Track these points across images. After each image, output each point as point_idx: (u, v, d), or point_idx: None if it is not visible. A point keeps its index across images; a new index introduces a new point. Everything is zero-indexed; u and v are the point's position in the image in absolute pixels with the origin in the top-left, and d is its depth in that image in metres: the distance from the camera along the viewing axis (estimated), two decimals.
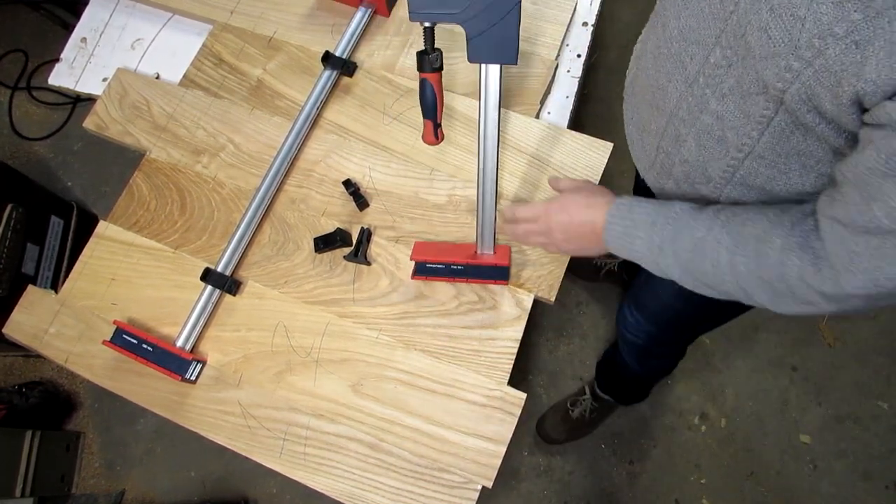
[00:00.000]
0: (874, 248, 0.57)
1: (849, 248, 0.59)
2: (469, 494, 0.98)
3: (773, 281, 0.68)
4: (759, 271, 0.69)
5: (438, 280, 1.08)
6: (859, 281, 0.59)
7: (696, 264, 0.75)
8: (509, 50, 0.82)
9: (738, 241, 0.71)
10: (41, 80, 2.50)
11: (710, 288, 0.76)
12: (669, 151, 0.84)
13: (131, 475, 2.00)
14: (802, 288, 0.65)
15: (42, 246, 1.94)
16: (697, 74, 0.72)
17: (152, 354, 1.04)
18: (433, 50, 0.84)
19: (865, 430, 1.88)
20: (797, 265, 0.65)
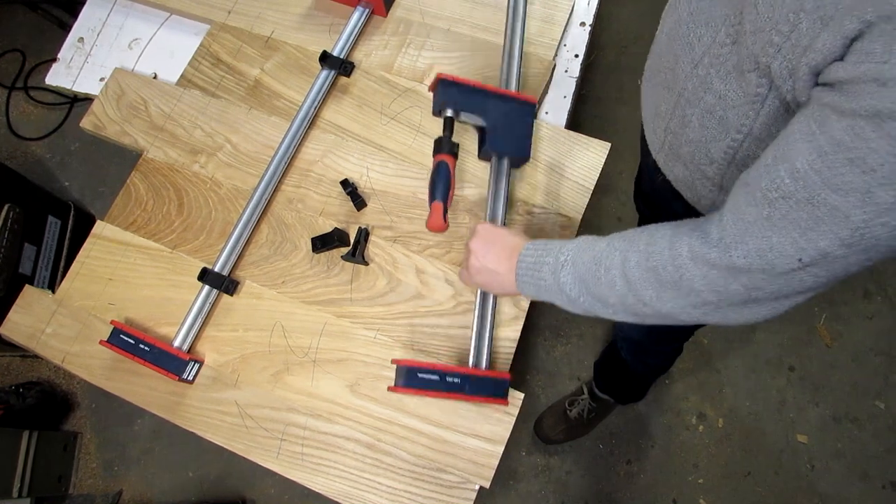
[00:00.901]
0: (765, 218, 0.58)
1: (743, 218, 0.61)
2: (467, 494, 0.98)
3: (659, 268, 0.69)
4: (648, 261, 0.70)
5: (427, 394, 0.98)
6: (747, 248, 0.60)
7: (591, 273, 0.77)
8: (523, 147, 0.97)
9: (631, 241, 0.74)
10: (38, 80, 2.50)
11: (601, 301, 0.78)
12: (677, 132, 0.86)
13: (129, 475, 2.00)
14: (689, 267, 0.66)
15: (39, 246, 1.94)
16: (703, 55, 0.74)
17: (149, 354, 1.04)
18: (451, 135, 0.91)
19: (863, 430, 1.89)
20: (686, 242, 0.67)
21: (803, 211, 0.55)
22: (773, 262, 0.59)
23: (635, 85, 2.32)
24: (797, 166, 0.54)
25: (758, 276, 0.62)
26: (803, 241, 0.56)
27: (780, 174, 0.56)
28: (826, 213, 0.54)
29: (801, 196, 0.55)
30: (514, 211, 1.11)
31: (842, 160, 0.51)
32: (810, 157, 0.53)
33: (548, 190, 1.12)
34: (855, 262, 0.57)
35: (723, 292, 0.65)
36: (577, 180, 1.12)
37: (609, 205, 2.14)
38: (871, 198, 0.51)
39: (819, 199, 0.54)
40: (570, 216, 1.10)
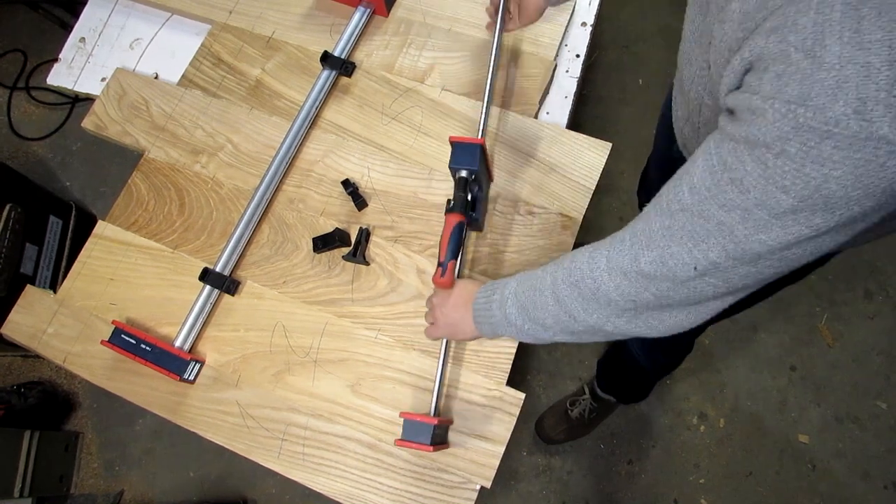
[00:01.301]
0: (666, 228, 0.64)
1: (650, 227, 0.66)
2: (468, 494, 0.98)
3: (579, 281, 0.74)
4: (570, 276, 0.76)
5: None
6: (651, 256, 0.66)
7: (529, 299, 0.82)
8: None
9: (559, 262, 0.80)
10: (40, 80, 2.50)
11: (540, 325, 0.82)
12: (690, 137, 0.93)
13: (130, 475, 2.00)
14: (604, 279, 0.72)
15: (41, 246, 1.94)
16: (695, 74, 0.80)
17: (151, 354, 1.04)
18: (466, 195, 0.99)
19: (864, 430, 1.88)
20: (604, 254, 0.72)
21: (696, 224, 0.61)
22: (674, 269, 0.65)
23: (637, 85, 2.32)
24: (695, 181, 0.60)
25: (663, 283, 0.67)
26: (696, 251, 0.62)
27: (682, 188, 0.62)
28: (714, 227, 0.59)
29: (696, 210, 0.60)
30: (515, 211, 1.11)
31: (726, 179, 0.57)
32: (704, 175, 0.59)
33: (549, 190, 1.12)
34: (745, 272, 0.62)
35: (637, 300, 0.71)
36: (578, 180, 1.12)
37: (610, 205, 2.14)
38: (750, 215, 0.56)
39: (709, 214, 0.59)
40: (571, 216, 1.10)
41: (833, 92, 0.47)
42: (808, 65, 0.48)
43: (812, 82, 0.48)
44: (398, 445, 0.92)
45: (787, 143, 0.50)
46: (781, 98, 0.50)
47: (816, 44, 0.48)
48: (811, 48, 0.48)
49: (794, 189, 0.52)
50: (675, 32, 0.88)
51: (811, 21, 0.48)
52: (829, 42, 0.47)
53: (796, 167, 0.51)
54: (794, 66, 0.49)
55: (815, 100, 0.48)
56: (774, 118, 0.50)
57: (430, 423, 0.92)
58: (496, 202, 1.13)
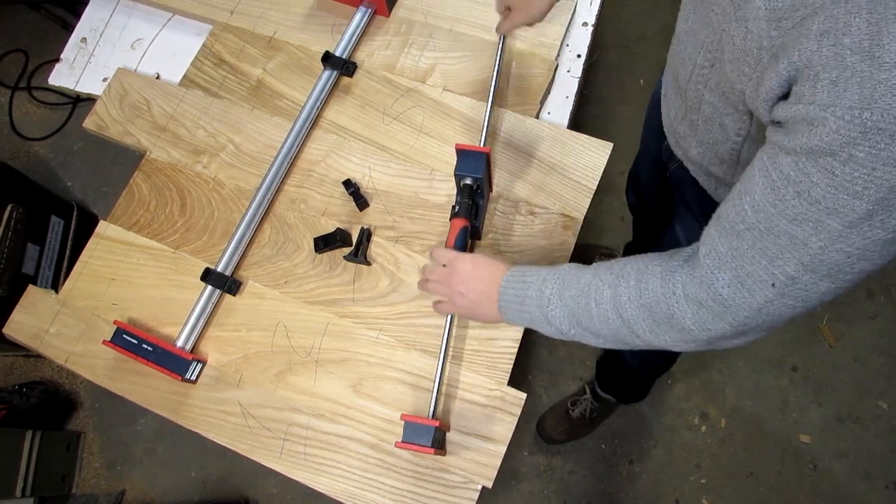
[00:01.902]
0: (734, 249, 0.62)
1: (716, 250, 0.64)
2: (469, 494, 0.98)
3: (652, 305, 0.71)
4: (640, 297, 0.72)
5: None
6: (727, 278, 0.64)
7: (581, 306, 0.78)
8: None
9: (620, 275, 0.75)
10: (41, 80, 2.50)
11: (593, 333, 0.79)
12: (687, 134, 0.91)
13: (132, 475, 2.00)
14: (681, 306, 0.69)
15: (42, 246, 1.94)
16: (692, 72, 0.79)
17: (152, 354, 1.04)
18: (469, 202, 1.01)
19: (865, 430, 1.88)
20: (680, 280, 0.69)
21: (767, 241, 0.59)
22: (752, 287, 0.62)
23: (637, 85, 2.32)
24: (756, 199, 0.59)
25: (742, 313, 0.64)
26: (773, 267, 0.60)
27: (744, 207, 0.60)
28: (787, 241, 0.58)
29: (763, 227, 0.59)
30: (516, 211, 1.12)
31: (791, 193, 0.55)
32: (766, 191, 0.58)
33: (550, 190, 1.12)
34: (825, 289, 0.60)
35: (712, 330, 0.68)
36: (579, 180, 1.12)
37: (611, 204, 2.14)
38: (823, 226, 0.55)
39: (778, 229, 0.58)
40: (572, 216, 1.10)
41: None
42: (866, 67, 0.47)
43: (874, 84, 0.47)
44: (399, 447, 0.92)
45: (854, 149, 0.49)
46: (842, 105, 0.49)
47: (874, 44, 0.47)
48: (868, 49, 0.47)
49: (866, 194, 0.51)
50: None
51: (865, 21, 0.47)
52: (888, 41, 0.46)
53: (866, 172, 0.49)
54: (849, 70, 0.48)
55: (880, 101, 0.47)
56: (838, 125, 0.49)
57: (431, 426, 0.92)
58: (497, 202, 1.13)
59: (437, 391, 0.98)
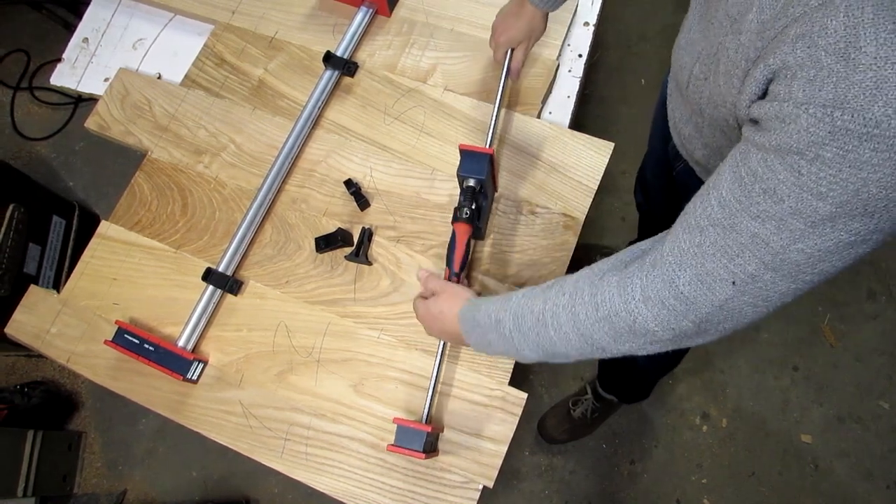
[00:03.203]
0: (697, 246, 0.62)
1: (680, 246, 0.64)
2: (470, 494, 0.98)
3: (611, 316, 0.69)
4: (598, 311, 0.70)
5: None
6: (688, 276, 0.63)
7: (542, 337, 0.76)
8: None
9: (573, 294, 0.73)
10: (43, 80, 2.51)
11: (562, 356, 0.78)
12: (691, 137, 0.92)
13: (133, 475, 2.00)
14: (641, 310, 0.67)
15: (44, 246, 1.94)
16: (688, 81, 0.81)
17: (154, 354, 1.04)
18: (472, 204, 1.00)
19: (867, 430, 1.88)
20: (638, 283, 0.67)
21: (729, 238, 0.59)
22: (712, 286, 0.62)
23: (639, 85, 2.32)
24: (723, 194, 0.59)
25: (703, 309, 0.64)
26: (732, 265, 0.60)
27: (711, 202, 0.60)
28: (748, 239, 0.58)
29: (727, 223, 0.59)
30: (518, 211, 1.12)
31: (758, 190, 0.55)
32: (733, 186, 0.58)
33: (551, 190, 1.12)
34: (785, 288, 0.60)
35: (676, 329, 0.67)
36: (580, 180, 1.12)
37: (612, 204, 2.14)
38: (785, 225, 0.55)
39: (741, 227, 0.58)
40: (573, 216, 1.10)
41: (871, 93, 0.46)
42: (841, 67, 0.47)
43: (848, 85, 0.47)
44: (390, 451, 0.92)
45: (822, 149, 0.49)
46: (815, 103, 0.49)
47: (850, 46, 0.47)
48: (844, 51, 0.47)
49: (831, 195, 0.51)
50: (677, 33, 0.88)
51: (841, 24, 0.48)
52: (864, 44, 0.46)
53: (833, 172, 0.50)
54: (825, 69, 0.48)
55: (853, 102, 0.47)
56: (809, 123, 0.49)
57: (423, 431, 0.92)
58: (499, 202, 1.13)
59: (431, 395, 0.98)
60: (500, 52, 1.15)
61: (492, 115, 1.11)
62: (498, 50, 1.15)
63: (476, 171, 0.99)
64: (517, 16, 1.10)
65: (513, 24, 1.11)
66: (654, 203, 1.45)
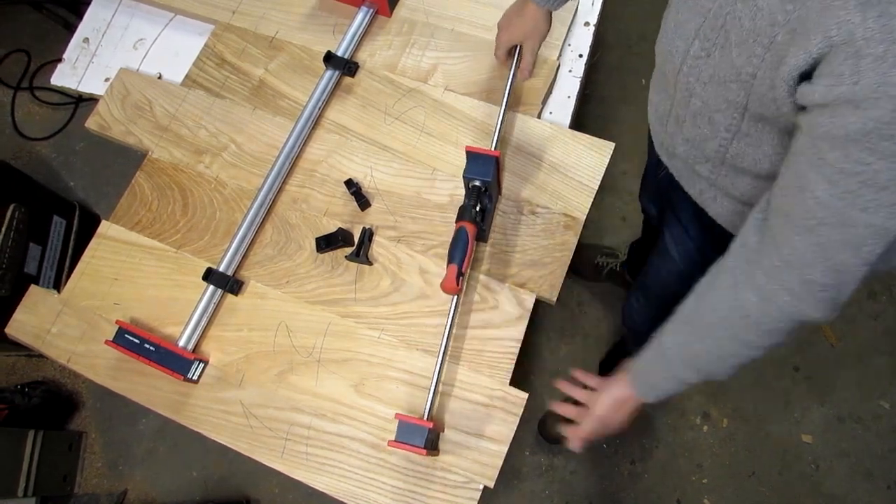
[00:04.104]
0: (815, 245, 0.60)
1: (798, 249, 0.62)
2: (471, 494, 0.98)
3: (775, 325, 0.69)
4: (760, 327, 0.71)
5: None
6: (821, 269, 0.61)
7: (713, 365, 0.79)
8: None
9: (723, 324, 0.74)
10: (44, 80, 2.50)
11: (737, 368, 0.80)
12: (673, 132, 0.90)
13: (133, 475, 2.00)
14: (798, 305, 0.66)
15: (44, 246, 1.94)
16: (681, 65, 0.78)
17: (154, 354, 1.04)
18: (477, 205, 1.00)
19: (867, 430, 1.88)
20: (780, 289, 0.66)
21: (847, 232, 0.57)
22: (851, 272, 0.60)
23: (639, 85, 2.32)
24: (818, 195, 0.56)
25: (851, 285, 0.63)
26: (862, 253, 0.58)
27: (809, 204, 0.58)
28: (865, 229, 0.55)
29: (836, 220, 0.56)
30: (518, 211, 1.11)
31: (855, 184, 0.52)
32: (825, 186, 0.55)
33: (552, 190, 1.12)
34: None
35: (838, 302, 0.66)
36: (581, 180, 1.12)
37: (613, 204, 2.13)
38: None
39: (854, 220, 0.55)
40: (574, 216, 1.10)
41: None
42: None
43: None
44: (391, 446, 0.92)
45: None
46: (893, 82, 0.45)
47: None
48: None
49: None
50: None
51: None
52: None
53: None
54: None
55: None
56: (893, 105, 0.46)
57: (424, 427, 0.92)
58: (499, 202, 1.13)
59: (433, 392, 0.98)
60: (500, 51, 1.15)
61: (498, 117, 1.11)
62: (498, 48, 1.15)
63: (482, 173, 0.99)
64: (520, 14, 1.10)
65: (515, 23, 1.10)
66: (652, 206, 1.45)
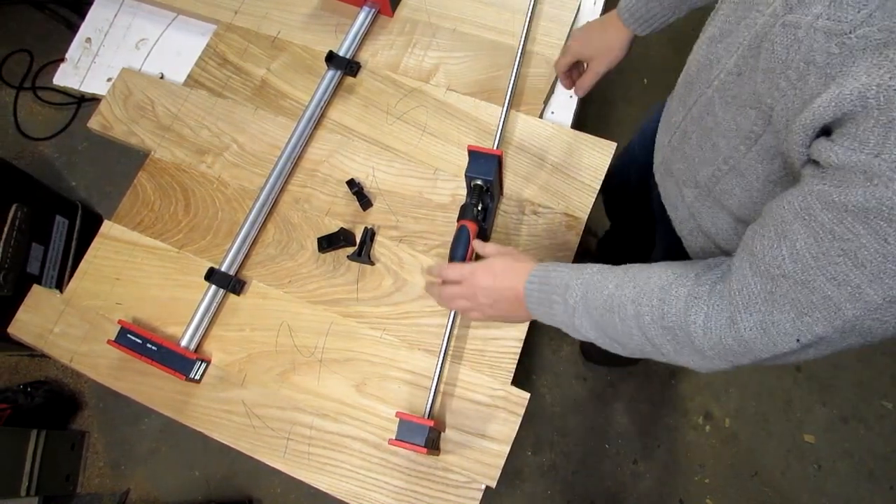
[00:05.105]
0: (768, 293, 0.58)
1: (749, 287, 0.60)
2: (473, 494, 0.98)
3: (675, 328, 0.67)
4: (663, 320, 0.68)
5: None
6: (752, 321, 0.59)
7: (606, 320, 0.74)
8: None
9: (643, 291, 0.71)
10: (46, 80, 2.51)
11: (620, 345, 0.76)
12: (675, 146, 0.87)
13: (136, 474, 2.01)
14: (700, 337, 0.65)
15: (47, 246, 1.94)
16: (715, 78, 0.73)
17: (157, 354, 1.04)
18: (479, 204, 1.00)
19: (870, 430, 1.88)
20: (703, 311, 0.64)
21: (801, 293, 0.55)
22: (775, 338, 0.58)
23: (641, 85, 2.32)
24: (797, 247, 0.54)
25: (763, 354, 0.61)
26: (800, 323, 0.56)
27: (782, 252, 0.55)
28: (820, 300, 0.53)
29: (799, 278, 0.54)
30: (520, 211, 1.11)
31: (836, 250, 0.50)
32: (808, 241, 0.53)
33: (554, 190, 1.12)
34: (853, 342, 0.56)
35: (734, 361, 0.65)
36: (582, 180, 1.12)
37: None
38: (862, 295, 0.50)
39: (815, 285, 0.53)
40: (576, 216, 1.10)
41: None
42: None
43: None
44: (391, 445, 0.92)
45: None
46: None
47: None
48: None
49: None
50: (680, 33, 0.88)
51: None
52: None
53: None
54: None
55: None
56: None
57: (425, 425, 0.92)
58: (501, 202, 1.13)
59: (433, 391, 0.98)
60: (564, 61, 1.09)
61: (500, 116, 1.11)
62: (563, 58, 1.09)
63: (484, 171, 0.99)
64: (602, 32, 1.05)
65: (594, 39, 1.05)
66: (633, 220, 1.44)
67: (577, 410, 1.95)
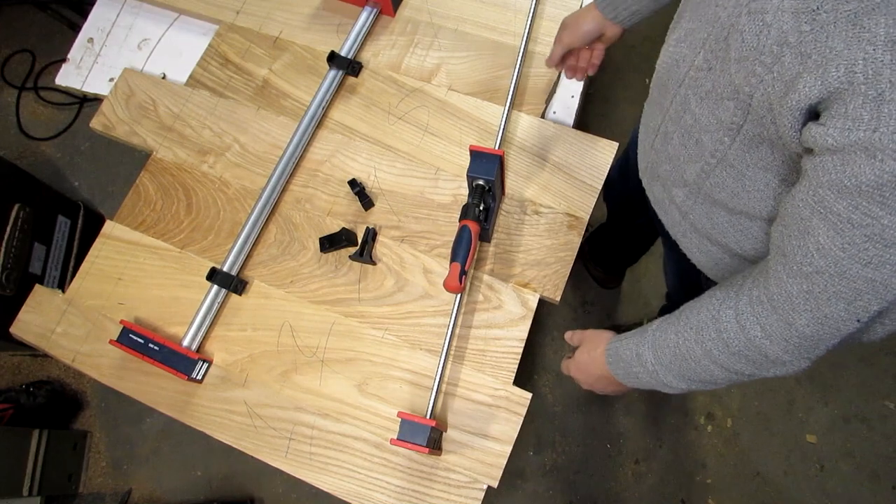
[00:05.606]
0: (806, 292, 0.57)
1: (787, 290, 0.60)
2: (474, 494, 0.98)
3: (744, 351, 0.67)
4: (728, 347, 0.68)
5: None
6: (805, 320, 0.59)
7: (685, 369, 0.75)
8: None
9: (699, 328, 0.71)
10: (48, 81, 2.52)
11: (712, 384, 0.76)
12: (658, 149, 0.87)
13: (138, 474, 2.01)
14: (769, 346, 0.65)
15: (49, 245, 1.95)
16: (685, 76, 0.74)
17: (159, 354, 1.04)
18: (480, 204, 1.00)
19: (872, 431, 1.87)
20: (757, 323, 0.64)
21: (841, 285, 0.54)
22: (835, 326, 0.58)
23: (643, 84, 2.32)
24: (821, 242, 0.53)
25: (832, 339, 0.60)
26: (853, 308, 0.55)
27: (810, 249, 0.55)
28: (864, 285, 0.53)
29: (833, 271, 0.54)
30: (522, 211, 1.11)
31: (861, 237, 0.50)
32: (830, 234, 0.52)
33: (556, 189, 1.12)
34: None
35: (810, 356, 0.64)
36: (584, 180, 1.12)
37: None
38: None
39: (852, 274, 0.53)
40: (577, 216, 1.10)
41: None
42: None
43: None
44: (393, 445, 0.92)
45: None
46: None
47: None
48: None
49: None
50: None
51: None
52: None
53: None
54: None
55: None
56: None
57: (427, 425, 0.92)
58: (503, 202, 1.13)
59: (435, 391, 0.98)
60: (556, 50, 1.08)
61: (502, 116, 1.11)
62: (556, 46, 1.08)
63: (486, 171, 1.00)
64: (577, 19, 1.04)
65: (575, 24, 1.04)
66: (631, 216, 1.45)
67: (579, 410, 1.95)
